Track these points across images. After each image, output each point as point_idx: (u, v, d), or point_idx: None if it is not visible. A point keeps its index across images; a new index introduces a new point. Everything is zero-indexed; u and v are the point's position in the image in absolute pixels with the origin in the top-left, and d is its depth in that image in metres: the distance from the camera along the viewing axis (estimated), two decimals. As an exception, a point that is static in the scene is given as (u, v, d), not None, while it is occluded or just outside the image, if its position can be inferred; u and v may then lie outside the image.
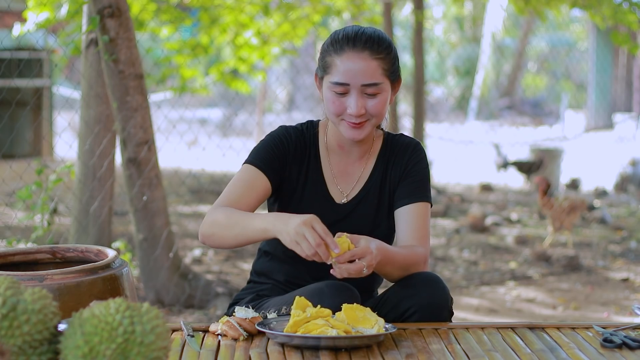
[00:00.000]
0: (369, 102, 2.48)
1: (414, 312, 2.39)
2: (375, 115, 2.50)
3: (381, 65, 2.47)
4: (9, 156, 9.22)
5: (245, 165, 2.54)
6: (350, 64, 2.46)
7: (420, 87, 10.10)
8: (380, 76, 2.48)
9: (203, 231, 2.44)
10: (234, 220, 2.39)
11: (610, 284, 5.98)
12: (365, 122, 2.50)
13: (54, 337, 1.84)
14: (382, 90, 2.49)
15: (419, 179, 2.59)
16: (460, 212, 8.86)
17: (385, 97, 2.50)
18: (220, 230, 2.41)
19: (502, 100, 22.49)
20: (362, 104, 2.47)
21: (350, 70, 2.46)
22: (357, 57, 2.46)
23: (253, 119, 14.09)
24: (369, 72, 2.46)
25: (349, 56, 2.46)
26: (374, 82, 2.46)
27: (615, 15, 7.35)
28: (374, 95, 2.48)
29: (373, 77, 2.46)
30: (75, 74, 15.41)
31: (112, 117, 4.80)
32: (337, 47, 2.49)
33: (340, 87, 2.47)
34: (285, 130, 2.61)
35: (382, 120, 2.54)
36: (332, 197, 2.59)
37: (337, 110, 2.49)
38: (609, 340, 2.24)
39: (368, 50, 2.46)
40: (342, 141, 2.60)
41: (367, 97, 2.48)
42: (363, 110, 2.48)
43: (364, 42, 2.47)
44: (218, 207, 2.45)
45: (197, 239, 7.00)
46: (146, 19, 6.66)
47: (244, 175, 2.52)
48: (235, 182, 2.51)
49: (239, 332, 2.24)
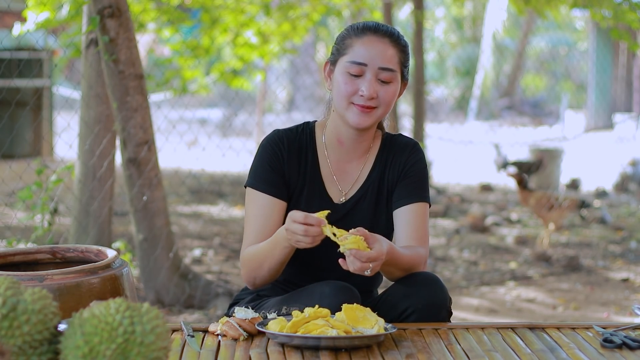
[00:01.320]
0: (381, 89, 2.50)
1: (413, 312, 2.40)
2: (384, 104, 2.51)
3: (398, 55, 2.52)
4: (9, 156, 9.22)
5: (252, 192, 2.55)
6: (370, 45, 2.50)
7: (420, 87, 10.10)
8: (397, 64, 2.52)
9: (247, 280, 2.56)
10: (261, 258, 2.48)
11: (610, 284, 5.98)
12: (373, 109, 2.51)
13: (54, 337, 1.84)
14: (395, 80, 2.52)
15: (418, 179, 2.60)
16: (460, 212, 8.86)
17: (395, 88, 2.53)
18: (256, 272, 2.50)
19: (502, 100, 22.50)
20: (375, 88, 2.49)
21: (370, 50, 2.50)
22: (378, 41, 2.51)
23: (253, 119, 14.09)
24: (388, 57, 2.50)
25: (371, 39, 2.51)
26: (390, 67, 2.50)
27: (615, 14, 7.35)
28: (387, 83, 2.50)
29: (391, 62, 2.50)
30: (75, 74, 15.42)
31: (112, 117, 4.79)
32: (358, 32, 2.53)
33: (357, 68, 2.49)
34: (276, 136, 2.59)
35: (387, 112, 2.56)
36: (330, 197, 2.59)
37: (348, 91, 2.50)
38: (609, 341, 2.24)
39: (389, 38, 2.52)
40: (343, 136, 2.58)
41: (380, 83, 2.50)
42: (375, 94, 2.49)
43: (385, 30, 2.53)
44: (245, 251, 2.53)
45: (197, 239, 7.04)
46: (146, 20, 6.66)
47: (255, 206, 2.54)
48: (251, 217, 2.54)
49: (239, 332, 2.25)
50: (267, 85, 14.10)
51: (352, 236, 2.27)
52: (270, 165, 2.55)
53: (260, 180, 2.54)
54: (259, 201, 2.53)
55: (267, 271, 2.48)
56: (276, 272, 2.49)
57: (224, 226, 7.73)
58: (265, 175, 2.55)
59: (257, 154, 2.59)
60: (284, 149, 2.57)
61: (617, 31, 7.38)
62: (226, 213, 8.50)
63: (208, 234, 7.29)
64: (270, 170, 2.55)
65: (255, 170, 2.57)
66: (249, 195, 2.56)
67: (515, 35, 22.71)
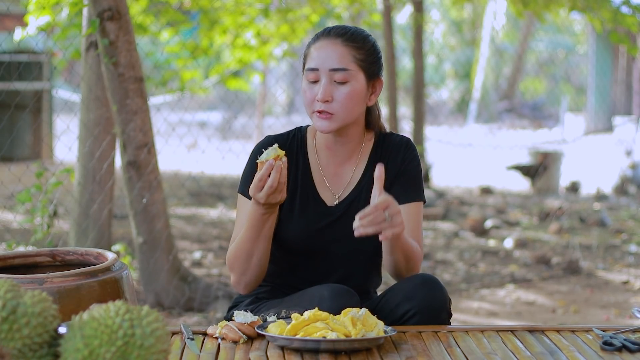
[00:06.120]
0: (337, 90, 2.47)
1: (413, 314, 2.39)
2: (342, 106, 2.47)
3: (352, 53, 2.48)
4: (8, 159, 9.22)
5: (243, 199, 2.55)
6: (321, 49, 2.49)
7: (420, 90, 10.10)
8: (351, 63, 2.47)
9: (237, 280, 2.54)
10: (247, 246, 2.47)
11: (610, 287, 5.98)
12: (332, 114, 2.47)
13: (53, 340, 1.83)
14: (351, 79, 2.47)
15: (413, 178, 2.59)
16: (460, 215, 8.86)
17: (355, 88, 2.48)
18: (246, 263, 2.49)
19: (501, 103, 22.50)
20: (329, 90, 2.46)
21: (320, 55, 2.48)
22: (328, 43, 2.49)
23: (252, 122, 14.10)
24: (338, 57, 2.47)
25: (322, 43, 2.50)
26: (342, 67, 2.46)
27: (614, 17, 7.35)
28: (343, 84, 2.47)
29: (341, 62, 2.47)
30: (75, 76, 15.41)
31: (112, 119, 4.80)
32: (313, 39, 2.54)
33: (312, 74, 2.48)
34: (267, 142, 2.58)
35: (351, 117, 2.51)
36: (322, 200, 2.58)
37: (308, 99, 2.49)
38: (609, 343, 2.24)
39: (340, 38, 2.49)
40: (328, 140, 2.58)
41: (336, 85, 2.47)
42: (329, 97, 2.46)
43: (337, 32, 2.51)
44: (228, 251, 2.53)
45: (197, 242, 7.04)
46: (146, 23, 6.66)
47: (244, 212, 2.53)
48: (240, 223, 2.54)
49: (238, 335, 2.24)
50: (267, 88, 14.10)
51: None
52: None
53: (249, 187, 2.54)
54: (246, 207, 2.52)
55: (256, 259, 2.47)
56: (265, 256, 2.49)
57: (224, 229, 7.73)
58: None
59: (248, 160, 2.59)
60: None
61: (616, 34, 7.38)
62: (226, 216, 8.50)
63: (208, 236, 7.29)
64: None
65: (246, 176, 2.56)
66: (240, 201, 2.56)
67: (514, 38, 22.71)
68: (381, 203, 2.28)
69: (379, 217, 2.27)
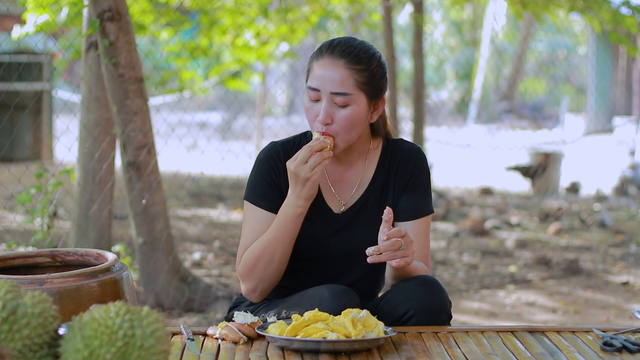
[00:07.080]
0: (338, 113, 2.44)
1: (412, 315, 2.39)
2: (342, 129, 2.44)
3: (354, 76, 2.43)
4: (8, 160, 9.22)
5: (249, 206, 2.54)
6: (323, 69, 2.44)
7: (419, 91, 10.10)
8: (352, 87, 2.43)
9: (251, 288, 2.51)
10: (272, 247, 2.46)
11: (610, 288, 5.98)
12: (333, 137, 2.44)
13: (54, 340, 1.83)
14: (353, 103, 2.43)
15: (423, 191, 2.57)
16: (460, 216, 8.86)
17: (356, 111, 2.44)
18: (265, 269, 2.47)
19: (501, 103, 22.50)
20: (330, 112, 2.43)
21: (322, 75, 2.43)
22: (330, 64, 2.43)
23: (252, 123, 14.09)
24: (339, 81, 2.42)
25: (324, 62, 2.44)
26: (342, 92, 2.42)
27: (614, 18, 7.35)
28: (344, 107, 2.43)
29: (342, 86, 2.42)
30: (75, 77, 15.42)
31: (112, 120, 4.80)
32: (317, 53, 2.48)
33: (313, 93, 2.44)
34: (273, 149, 2.56)
35: (353, 137, 2.48)
36: (329, 207, 2.56)
37: (311, 117, 2.47)
38: (609, 344, 2.24)
39: (344, 59, 2.43)
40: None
41: (337, 107, 2.44)
42: (329, 120, 2.43)
43: (342, 51, 2.44)
44: (244, 257, 2.50)
45: (197, 242, 7.03)
46: (146, 22, 6.66)
47: (251, 220, 2.52)
48: (247, 231, 2.52)
49: (238, 336, 2.24)
50: (267, 89, 14.08)
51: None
52: (266, 180, 2.53)
53: (257, 194, 2.53)
54: (255, 215, 2.52)
55: (277, 263, 2.46)
56: (286, 261, 2.48)
57: (224, 229, 7.72)
58: (261, 190, 2.53)
59: (253, 167, 2.58)
60: (280, 162, 2.53)
61: (616, 35, 7.37)
62: (226, 216, 8.50)
63: (208, 237, 7.29)
64: (267, 185, 2.53)
65: (253, 184, 2.55)
66: (246, 208, 2.56)
67: (514, 39, 22.71)
68: (397, 232, 2.30)
69: (396, 245, 2.29)
